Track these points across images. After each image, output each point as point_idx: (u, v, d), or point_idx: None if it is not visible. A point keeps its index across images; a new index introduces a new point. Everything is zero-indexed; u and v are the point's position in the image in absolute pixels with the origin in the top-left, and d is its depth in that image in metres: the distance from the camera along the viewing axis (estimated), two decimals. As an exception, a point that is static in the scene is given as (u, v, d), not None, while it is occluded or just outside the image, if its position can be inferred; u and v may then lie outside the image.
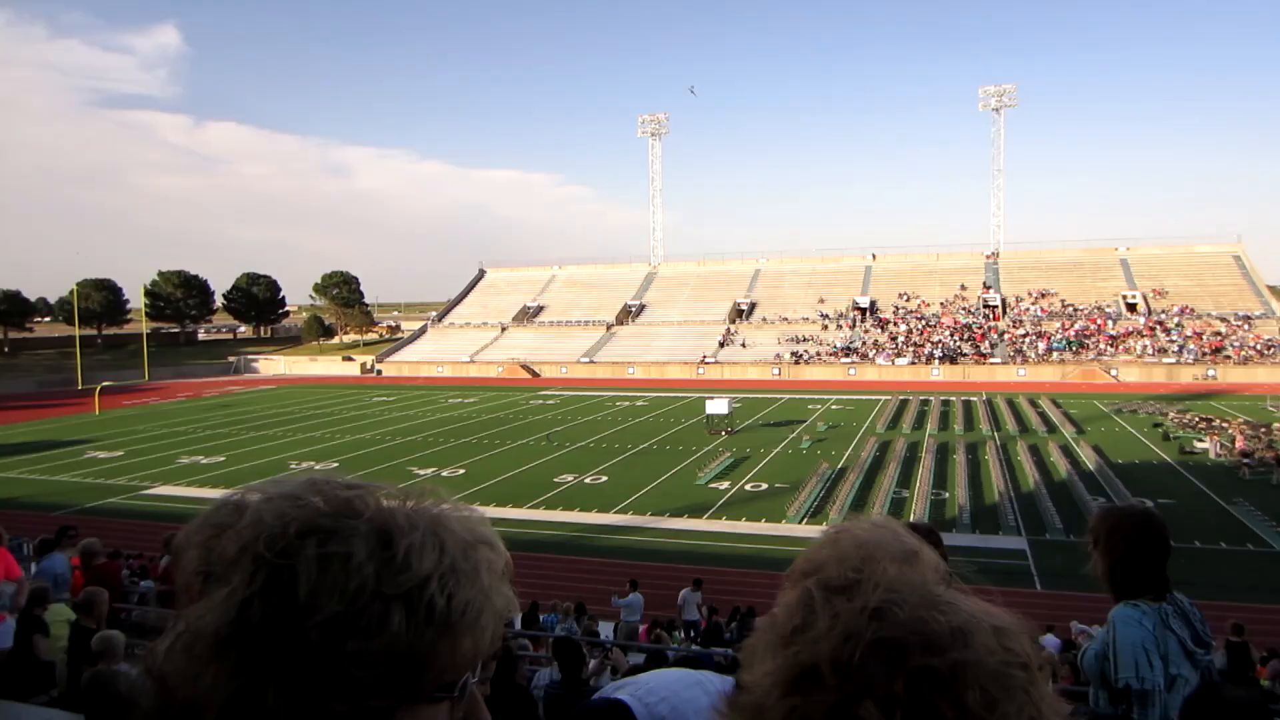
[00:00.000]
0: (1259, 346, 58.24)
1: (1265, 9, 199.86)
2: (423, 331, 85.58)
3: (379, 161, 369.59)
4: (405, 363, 76.28)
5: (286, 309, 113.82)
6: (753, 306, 78.91)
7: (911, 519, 21.75)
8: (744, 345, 70.18)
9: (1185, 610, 2.98)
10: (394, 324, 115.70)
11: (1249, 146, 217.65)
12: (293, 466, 31.86)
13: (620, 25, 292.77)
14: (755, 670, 0.72)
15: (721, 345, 70.77)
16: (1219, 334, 60.91)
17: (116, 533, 20.81)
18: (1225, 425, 35.11)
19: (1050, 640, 11.60)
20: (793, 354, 66.66)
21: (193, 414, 48.40)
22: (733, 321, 75.98)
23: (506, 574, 0.81)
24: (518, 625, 13.88)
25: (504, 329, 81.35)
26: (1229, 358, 57.50)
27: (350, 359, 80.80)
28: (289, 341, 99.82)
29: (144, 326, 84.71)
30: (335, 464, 32.06)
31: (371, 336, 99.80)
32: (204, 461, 33.15)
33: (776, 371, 64.39)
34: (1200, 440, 32.17)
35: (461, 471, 30.23)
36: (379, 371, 75.48)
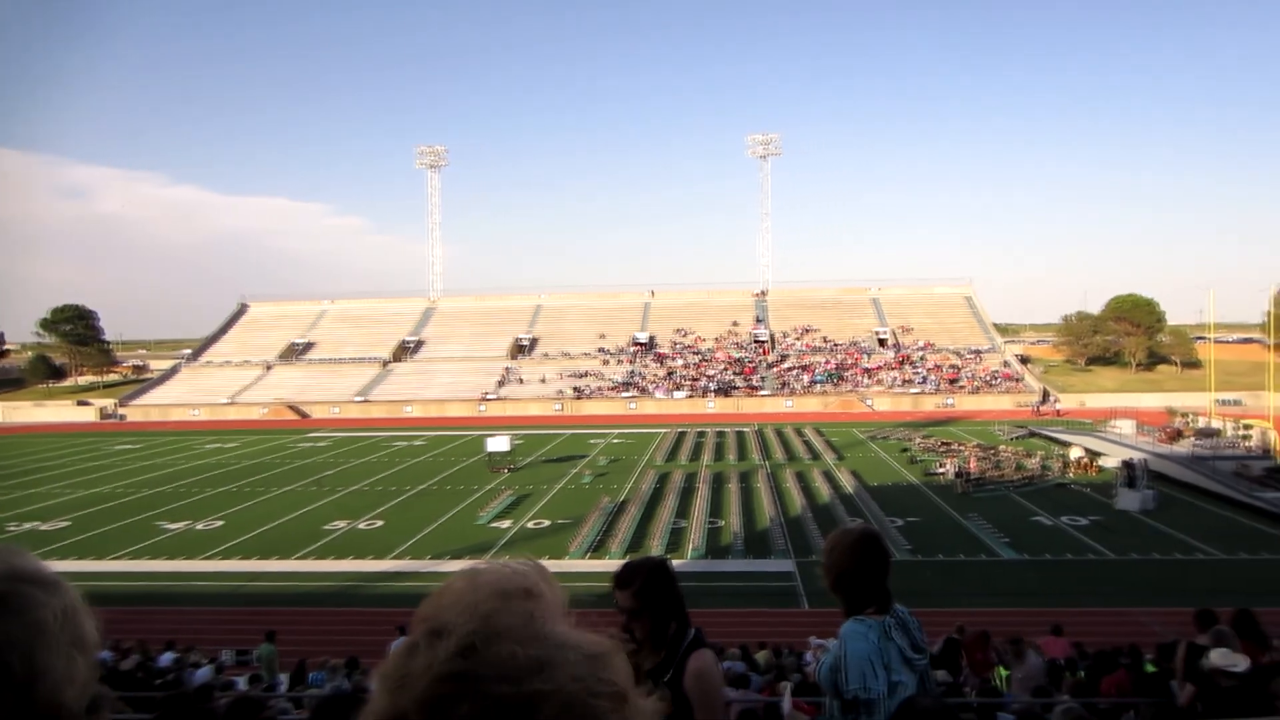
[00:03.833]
0: (987, 377, 65.85)
1: (992, 72, 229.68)
2: (174, 371, 78.29)
3: (123, 184, 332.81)
4: (154, 406, 69.25)
5: (6, 347, 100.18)
6: (534, 342, 78.94)
7: (690, 549, 22.33)
8: (527, 381, 69.92)
9: (904, 620, 3.23)
10: (140, 363, 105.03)
11: (978, 196, 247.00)
12: (11, 529, 27.80)
13: (395, 52, 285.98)
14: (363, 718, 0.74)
15: (502, 382, 70.09)
16: (955, 367, 68.27)
17: None
18: (961, 448, 39.14)
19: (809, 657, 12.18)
20: (574, 389, 67.23)
21: (-121, 471, 41.11)
22: (514, 357, 75.57)
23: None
24: (283, 686, 12.73)
25: (269, 367, 76.13)
26: (963, 387, 64.52)
27: (86, 403, 72.22)
28: (9, 385, 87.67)
29: None
30: (67, 523, 28.31)
31: (113, 377, 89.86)
32: (-109, 526, 28.15)
33: (558, 407, 64.61)
34: (940, 464, 35.62)
35: (219, 523, 27.66)
36: (121, 416, 68.00)
